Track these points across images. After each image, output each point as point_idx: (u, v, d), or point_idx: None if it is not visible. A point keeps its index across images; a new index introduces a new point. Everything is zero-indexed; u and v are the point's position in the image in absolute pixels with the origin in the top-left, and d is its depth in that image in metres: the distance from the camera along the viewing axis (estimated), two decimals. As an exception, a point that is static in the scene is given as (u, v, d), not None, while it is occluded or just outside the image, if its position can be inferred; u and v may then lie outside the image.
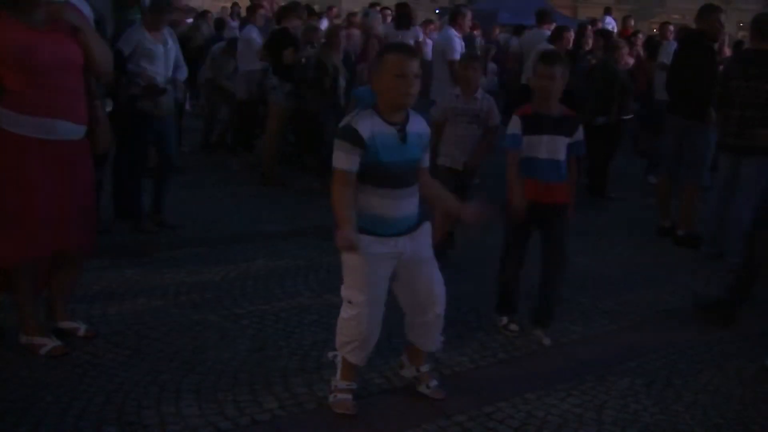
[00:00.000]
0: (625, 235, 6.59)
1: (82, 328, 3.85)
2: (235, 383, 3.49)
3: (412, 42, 9.11)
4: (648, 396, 3.69)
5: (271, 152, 7.81)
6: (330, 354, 3.44)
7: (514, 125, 4.07)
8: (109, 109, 4.95)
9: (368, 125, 3.03)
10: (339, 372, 3.35)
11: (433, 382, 3.50)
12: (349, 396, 3.31)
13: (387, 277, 3.21)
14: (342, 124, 3.10)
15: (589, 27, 9.56)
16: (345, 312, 3.22)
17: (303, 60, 7.50)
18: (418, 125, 3.16)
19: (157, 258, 5.16)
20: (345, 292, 3.20)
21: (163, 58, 5.57)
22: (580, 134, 4.10)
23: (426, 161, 3.26)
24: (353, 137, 3.00)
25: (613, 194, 8.07)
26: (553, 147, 4.03)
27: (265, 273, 5.04)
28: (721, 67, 6.47)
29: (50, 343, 3.64)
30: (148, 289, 4.59)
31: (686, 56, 6.53)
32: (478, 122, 5.34)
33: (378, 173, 3.05)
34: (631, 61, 9.96)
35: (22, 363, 3.53)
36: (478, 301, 4.76)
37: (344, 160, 3.02)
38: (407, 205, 3.15)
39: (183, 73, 5.93)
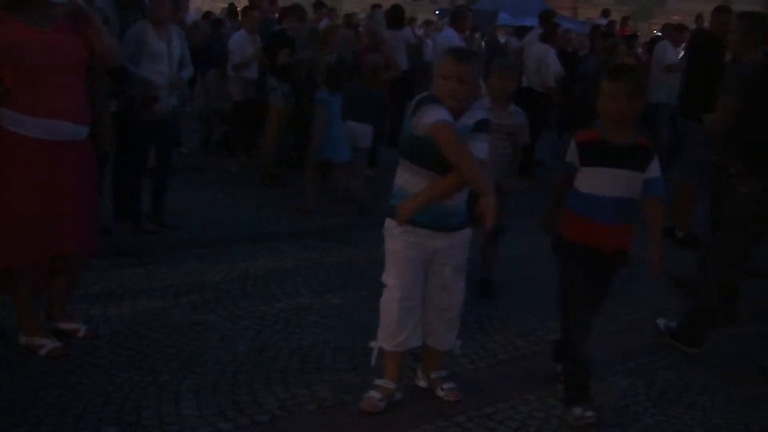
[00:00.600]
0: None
1: (82, 329, 3.85)
2: (235, 384, 3.49)
3: (403, 42, 9.12)
4: (648, 397, 3.69)
5: (270, 153, 7.82)
6: (371, 344, 3.43)
7: (572, 154, 3.44)
8: (112, 109, 4.96)
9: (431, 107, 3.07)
10: (383, 369, 3.39)
11: (448, 385, 3.51)
12: (378, 395, 3.33)
13: (420, 267, 3.28)
14: (421, 97, 3.15)
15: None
16: (384, 296, 3.31)
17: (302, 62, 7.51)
18: (469, 118, 3.16)
19: (157, 259, 5.15)
20: (384, 275, 3.32)
21: (166, 57, 5.55)
22: (656, 169, 3.33)
23: (477, 150, 3.09)
24: (435, 100, 3.08)
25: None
26: (619, 183, 3.31)
27: (265, 274, 5.04)
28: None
29: (50, 344, 3.64)
30: (147, 290, 4.59)
31: (698, 57, 6.56)
32: (510, 140, 4.76)
33: (429, 155, 3.08)
34: (631, 62, 9.97)
35: (22, 363, 3.53)
36: (478, 302, 4.76)
37: (441, 112, 3.04)
38: (456, 196, 3.20)
39: (188, 72, 5.91)
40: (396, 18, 9.24)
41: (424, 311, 3.37)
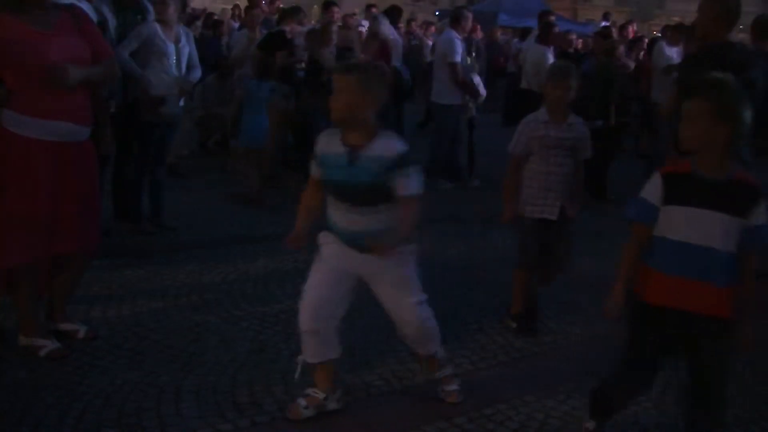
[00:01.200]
0: (626, 236, 6.58)
1: (81, 330, 3.85)
2: (235, 385, 3.49)
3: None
4: (648, 398, 3.68)
5: (270, 154, 7.81)
6: (297, 359, 3.35)
7: (652, 189, 2.78)
8: (111, 110, 4.96)
9: (324, 142, 3.15)
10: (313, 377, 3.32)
11: (450, 387, 3.49)
12: (303, 402, 3.25)
13: (341, 277, 3.21)
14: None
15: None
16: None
17: (302, 64, 7.53)
18: (380, 148, 3.04)
19: (157, 260, 5.15)
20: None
21: (174, 56, 5.55)
22: (762, 215, 2.68)
23: (401, 187, 3.07)
24: (314, 150, 3.19)
25: (613, 196, 8.07)
26: (712, 228, 2.67)
27: (265, 275, 5.04)
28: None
29: (50, 345, 3.64)
30: (147, 291, 4.59)
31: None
32: (571, 155, 4.24)
33: (329, 187, 3.19)
34: (632, 64, 9.98)
35: (22, 364, 3.53)
36: (478, 303, 4.76)
37: (312, 166, 3.22)
38: (363, 222, 3.12)
39: (197, 74, 5.89)
40: (394, 18, 9.34)
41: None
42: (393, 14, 9.93)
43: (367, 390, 3.55)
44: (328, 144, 3.11)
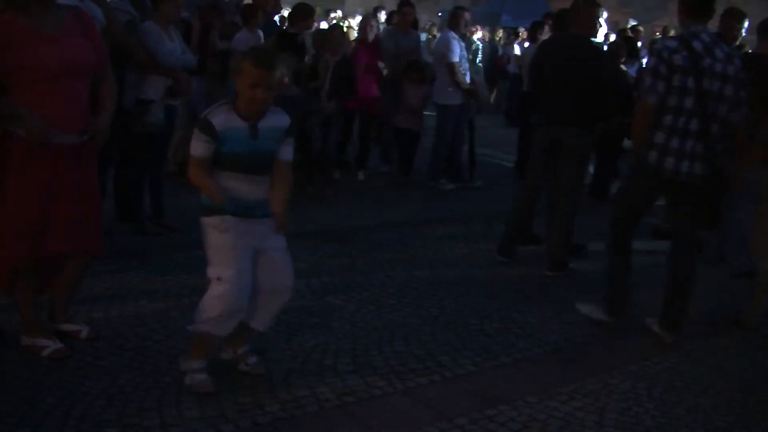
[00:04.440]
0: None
1: (83, 331, 3.85)
2: (237, 385, 3.49)
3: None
4: (650, 399, 3.69)
5: None
6: (189, 328, 3.43)
7: None
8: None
9: (222, 119, 3.25)
10: (191, 351, 3.45)
11: (252, 359, 3.61)
12: (204, 375, 3.40)
13: (249, 254, 3.37)
14: (203, 114, 3.31)
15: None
16: (214, 290, 3.32)
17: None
18: (273, 120, 3.34)
19: (159, 260, 5.15)
20: (212, 270, 3.35)
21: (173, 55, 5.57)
22: None
23: (284, 153, 3.40)
24: (208, 129, 3.23)
25: (614, 197, 8.06)
26: None
27: (267, 275, 5.03)
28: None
29: (52, 345, 3.64)
30: (149, 292, 4.59)
31: None
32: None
33: (230, 161, 3.28)
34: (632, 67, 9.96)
35: (24, 365, 3.53)
36: (480, 303, 4.76)
37: (198, 148, 3.26)
38: (260, 189, 3.38)
39: (191, 59, 5.81)
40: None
41: (257, 296, 3.42)
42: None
43: (369, 390, 3.54)
44: (227, 120, 3.25)
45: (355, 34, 9.69)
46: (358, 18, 12.89)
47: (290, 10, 8.12)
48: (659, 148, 4.26)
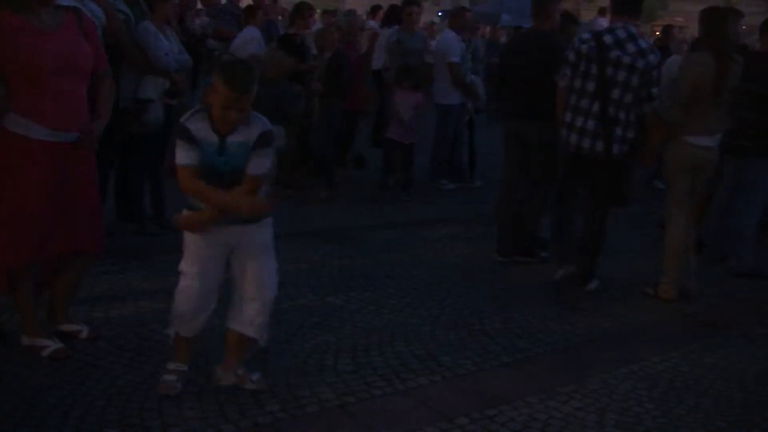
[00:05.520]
0: (629, 238, 6.59)
1: (84, 331, 3.85)
2: (237, 386, 3.49)
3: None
4: (650, 399, 3.69)
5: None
6: (168, 331, 3.46)
7: None
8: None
9: (199, 127, 3.15)
10: (173, 352, 3.46)
11: (254, 376, 3.50)
12: (174, 377, 3.39)
13: (219, 259, 3.34)
14: (180, 121, 3.21)
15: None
16: (180, 284, 3.34)
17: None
18: (243, 134, 3.18)
19: (160, 260, 5.15)
20: (181, 264, 3.34)
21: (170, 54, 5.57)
22: None
23: (252, 167, 3.22)
24: (188, 136, 3.13)
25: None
26: None
27: (267, 275, 5.03)
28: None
29: (52, 346, 3.64)
30: (150, 292, 4.59)
31: None
32: None
33: (202, 172, 3.17)
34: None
35: (24, 365, 3.53)
36: (480, 303, 4.76)
37: (184, 156, 3.15)
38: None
39: (187, 58, 5.81)
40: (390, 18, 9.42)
41: (238, 301, 3.39)
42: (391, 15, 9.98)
43: (369, 390, 3.54)
44: (201, 129, 3.15)
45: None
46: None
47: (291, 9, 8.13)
48: (567, 126, 4.98)
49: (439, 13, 29.71)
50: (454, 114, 8.14)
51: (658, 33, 14.94)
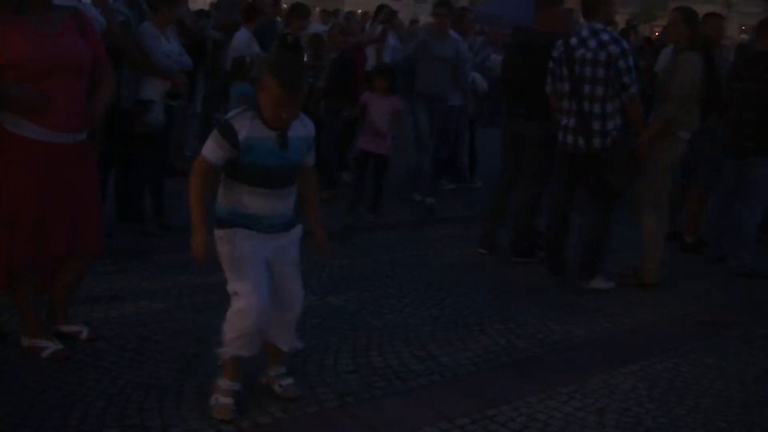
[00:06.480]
0: (629, 238, 6.58)
1: (84, 331, 3.85)
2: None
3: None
4: (650, 399, 3.68)
5: None
6: (217, 351, 3.28)
7: None
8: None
9: (246, 127, 3.05)
10: (224, 371, 3.28)
11: (286, 381, 3.43)
12: (231, 400, 3.23)
13: (265, 266, 3.20)
14: (225, 118, 3.15)
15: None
16: (234, 306, 3.15)
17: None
18: (301, 129, 3.18)
19: (160, 261, 5.16)
20: (231, 286, 3.17)
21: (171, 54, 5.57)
22: None
23: (310, 160, 3.32)
24: (230, 135, 3.02)
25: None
26: None
27: (267, 276, 5.03)
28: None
29: (52, 346, 3.64)
30: (150, 292, 4.59)
31: None
32: None
33: (254, 173, 3.08)
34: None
35: (24, 365, 3.53)
36: (480, 304, 4.76)
37: (213, 152, 3.05)
38: (282, 204, 3.20)
39: (187, 60, 5.78)
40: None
41: (271, 313, 3.27)
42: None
43: (370, 391, 3.54)
44: (252, 128, 3.05)
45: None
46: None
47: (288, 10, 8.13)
48: (561, 128, 5.25)
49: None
50: (454, 114, 8.14)
51: (657, 33, 14.96)
